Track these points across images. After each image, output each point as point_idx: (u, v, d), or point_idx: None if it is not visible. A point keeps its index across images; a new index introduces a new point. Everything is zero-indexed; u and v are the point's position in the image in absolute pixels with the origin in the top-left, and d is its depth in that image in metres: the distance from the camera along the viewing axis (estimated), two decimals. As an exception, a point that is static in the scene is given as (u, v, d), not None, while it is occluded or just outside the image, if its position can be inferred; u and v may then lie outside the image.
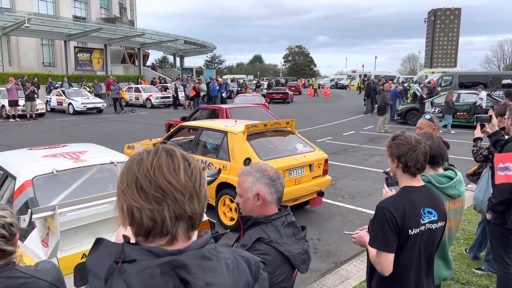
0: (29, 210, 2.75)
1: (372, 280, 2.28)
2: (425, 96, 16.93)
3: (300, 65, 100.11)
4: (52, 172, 3.75)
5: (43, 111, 20.11)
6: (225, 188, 5.95)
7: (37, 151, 4.63)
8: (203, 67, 63.11)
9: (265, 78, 60.44)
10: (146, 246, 0.91)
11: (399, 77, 44.84)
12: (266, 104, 16.66)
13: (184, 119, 10.24)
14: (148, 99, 25.86)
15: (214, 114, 10.33)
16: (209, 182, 4.05)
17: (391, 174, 2.44)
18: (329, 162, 6.76)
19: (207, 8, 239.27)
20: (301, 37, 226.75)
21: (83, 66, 34.70)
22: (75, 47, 34.59)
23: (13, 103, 18.08)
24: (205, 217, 3.96)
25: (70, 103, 21.51)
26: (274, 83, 39.78)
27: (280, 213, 1.77)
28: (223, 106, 10.48)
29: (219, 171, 4.19)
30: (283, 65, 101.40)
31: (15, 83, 18.38)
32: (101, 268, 0.89)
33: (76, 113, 21.16)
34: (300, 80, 58.75)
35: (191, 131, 7.41)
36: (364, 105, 23.85)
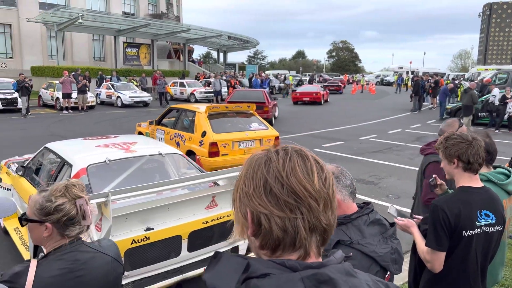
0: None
1: (418, 280, 2.23)
2: (509, 96, 14.97)
3: (344, 60, 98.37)
4: (105, 161, 3.99)
5: (94, 103, 21.02)
6: (190, 154, 7.35)
7: (90, 141, 4.89)
8: (245, 63, 63.56)
9: (307, 73, 59.90)
10: (277, 259, 0.79)
11: (449, 74, 42.98)
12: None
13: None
14: (192, 93, 26.38)
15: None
16: None
17: (436, 179, 2.39)
18: (372, 160, 7.28)
19: (252, 3, 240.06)
20: (347, 32, 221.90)
21: (131, 60, 35.93)
22: (124, 42, 35.86)
23: (66, 96, 19.05)
24: None
25: (118, 97, 22.36)
26: (316, 79, 39.41)
27: (361, 211, 1.63)
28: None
29: None
30: (326, 60, 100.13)
31: (68, 76, 19.32)
32: (226, 284, 0.78)
33: (124, 106, 21.97)
34: (344, 76, 57.74)
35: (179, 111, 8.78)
36: (411, 101, 23.07)
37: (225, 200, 3.84)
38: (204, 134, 7.42)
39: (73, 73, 22.52)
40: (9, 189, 5.14)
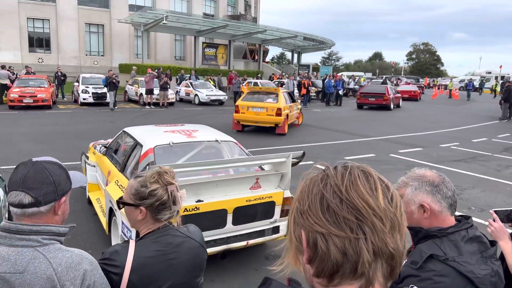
0: (147, 167, 3.46)
1: None
2: None
3: (425, 63, 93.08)
4: (169, 144, 4.65)
5: (173, 100, 22.15)
6: None
7: (160, 127, 5.62)
8: (319, 64, 62.87)
9: (384, 76, 57.71)
10: None
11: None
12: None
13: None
14: (265, 93, 26.71)
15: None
16: (294, 164, 4.47)
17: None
18: (454, 169, 8.17)
19: (329, 3, 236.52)
20: (430, 33, 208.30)
21: (209, 60, 37.27)
22: (203, 43, 37.30)
23: (149, 92, 20.31)
24: (289, 193, 4.49)
25: (196, 95, 23.33)
26: (394, 82, 37.72)
27: (459, 225, 1.51)
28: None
29: (303, 154, 4.61)
30: (405, 63, 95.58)
31: (150, 73, 20.57)
32: None
33: (201, 103, 22.88)
34: (424, 80, 54.73)
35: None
36: (501, 108, 21.20)
37: (268, 183, 4.35)
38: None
39: (156, 70, 23.94)
40: (94, 166, 5.92)
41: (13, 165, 6.17)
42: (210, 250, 3.81)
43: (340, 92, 26.02)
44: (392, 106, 23.70)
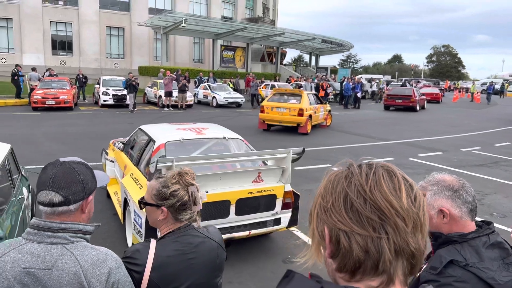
0: (156, 159, 3.83)
1: None
2: None
3: (446, 66, 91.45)
4: (180, 140, 5.00)
5: (192, 102, 22.34)
6: None
7: (173, 125, 6.00)
8: (337, 66, 62.46)
9: (403, 78, 56.93)
10: (354, 284, 0.73)
11: None
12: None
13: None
14: (282, 96, 26.71)
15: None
16: (294, 160, 4.70)
17: None
18: (475, 174, 8.34)
19: (348, 5, 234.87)
20: (451, 35, 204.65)
21: (226, 63, 37.51)
22: (221, 45, 37.57)
23: (168, 94, 20.53)
24: (289, 187, 4.75)
25: (214, 97, 23.49)
26: (413, 85, 37.06)
27: (480, 231, 1.48)
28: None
29: (303, 150, 4.77)
30: (425, 65, 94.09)
31: (169, 76, 20.81)
32: None
33: (219, 106, 23.01)
34: (445, 83, 53.77)
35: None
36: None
37: (270, 177, 4.62)
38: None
39: (175, 73, 24.20)
40: (113, 161, 6.35)
41: (37, 165, 6.40)
42: None
43: (359, 94, 25.79)
44: (418, 108, 24.71)
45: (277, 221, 4.72)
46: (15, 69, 20.95)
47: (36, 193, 1.41)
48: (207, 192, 4.12)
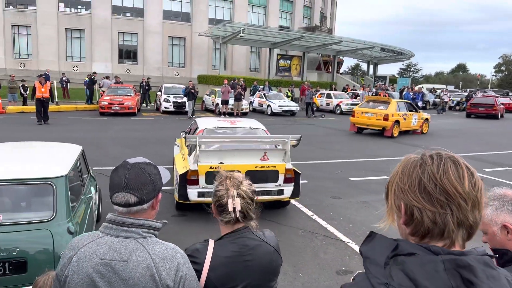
0: (184, 135, 5.72)
1: None
2: None
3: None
4: (215, 127, 6.83)
5: (247, 110, 22.72)
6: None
7: (218, 118, 8.14)
8: (396, 75, 60.49)
9: (468, 89, 53.88)
10: (424, 244, 0.93)
11: None
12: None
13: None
14: (338, 105, 26.34)
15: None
16: (294, 145, 6.00)
17: None
18: None
19: (409, 13, 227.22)
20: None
21: (282, 72, 37.70)
22: (277, 54, 37.85)
23: (225, 102, 21.04)
24: (290, 166, 6.01)
25: (268, 105, 23.71)
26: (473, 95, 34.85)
27: None
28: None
29: (300, 137, 6.01)
30: (493, 75, 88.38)
31: (226, 85, 21.32)
32: (379, 257, 0.93)
33: (273, 114, 23.18)
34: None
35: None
36: None
37: (274, 157, 6.04)
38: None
39: (232, 81, 24.74)
40: (178, 146, 7.99)
41: (103, 166, 6.88)
42: None
43: (420, 104, 24.82)
44: (499, 116, 26.13)
45: (280, 192, 6.01)
46: (93, 76, 22.69)
47: (111, 195, 1.51)
48: (223, 163, 5.65)
